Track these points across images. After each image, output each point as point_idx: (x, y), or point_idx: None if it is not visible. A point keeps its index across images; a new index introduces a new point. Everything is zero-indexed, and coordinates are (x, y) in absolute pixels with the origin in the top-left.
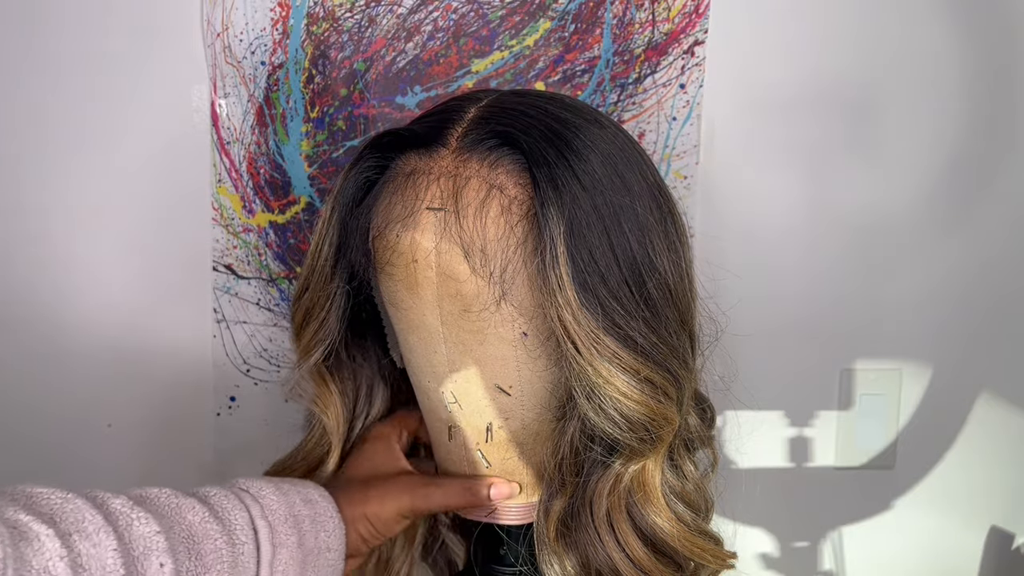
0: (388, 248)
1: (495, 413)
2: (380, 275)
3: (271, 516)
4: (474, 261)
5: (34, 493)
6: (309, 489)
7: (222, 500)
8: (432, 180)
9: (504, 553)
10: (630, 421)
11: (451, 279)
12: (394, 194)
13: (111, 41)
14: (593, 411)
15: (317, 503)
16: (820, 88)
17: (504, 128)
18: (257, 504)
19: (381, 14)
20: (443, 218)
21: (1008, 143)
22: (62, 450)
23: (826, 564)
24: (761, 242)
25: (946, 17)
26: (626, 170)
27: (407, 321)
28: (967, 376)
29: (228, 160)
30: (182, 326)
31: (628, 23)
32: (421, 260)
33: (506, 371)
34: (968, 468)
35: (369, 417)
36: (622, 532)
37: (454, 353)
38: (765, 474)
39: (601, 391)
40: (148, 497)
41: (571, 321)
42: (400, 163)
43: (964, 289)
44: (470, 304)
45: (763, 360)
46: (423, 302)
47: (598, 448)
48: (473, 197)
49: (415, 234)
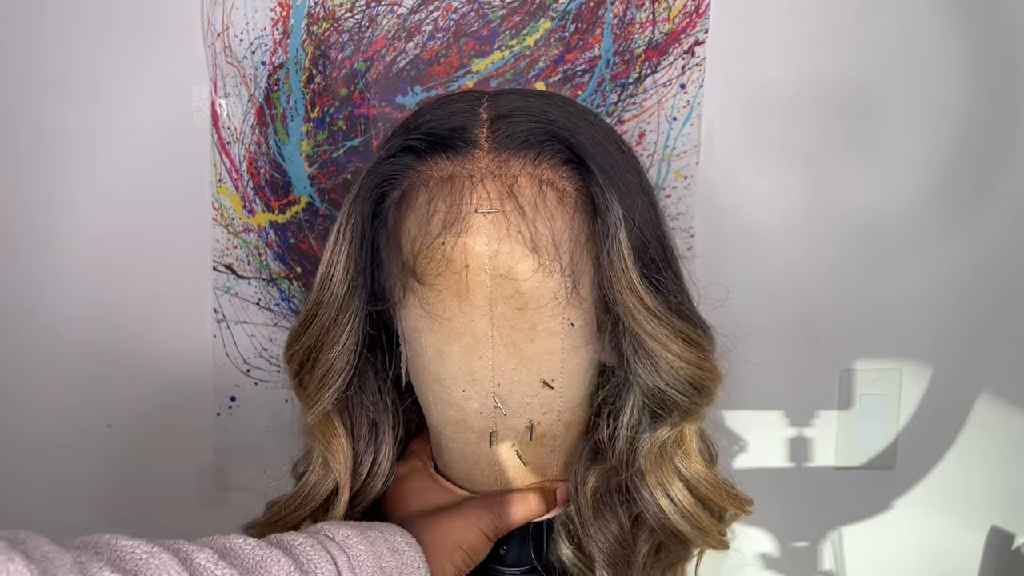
0: (434, 258)
1: (537, 409)
2: (420, 288)
3: (358, 568)
4: (543, 257)
5: (119, 546)
6: (396, 537)
7: (308, 551)
8: (476, 183)
9: (504, 553)
10: (692, 383)
11: (507, 279)
12: (431, 202)
13: (112, 41)
14: (658, 380)
15: (404, 553)
16: (820, 88)
17: (535, 123)
18: (344, 554)
19: (381, 14)
20: (497, 219)
21: (1008, 142)
22: (62, 450)
23: (826, 564)
24: (761, 242)
25: (946, 17)
26: (628, 154)
27: (448, 331)
28: (967, 376)
29: (228, 160)
30: (182, 326)
31: (628, 23)
32: (474, 265)
33: (551, 365)
34: (968, 468)
35: (379, 455)
36: (670, 483)
37: (502, 355)
38: (765, 474)
39: (665, 361)
40: (233, 549)
41: (636, 301)
42: (427, 169)
43: (964, 289)
44: (526, 302)
45: (763, 360)
46: (473, 308)
47: (649, 415)
48: (529, 194)
49: (467, 239)
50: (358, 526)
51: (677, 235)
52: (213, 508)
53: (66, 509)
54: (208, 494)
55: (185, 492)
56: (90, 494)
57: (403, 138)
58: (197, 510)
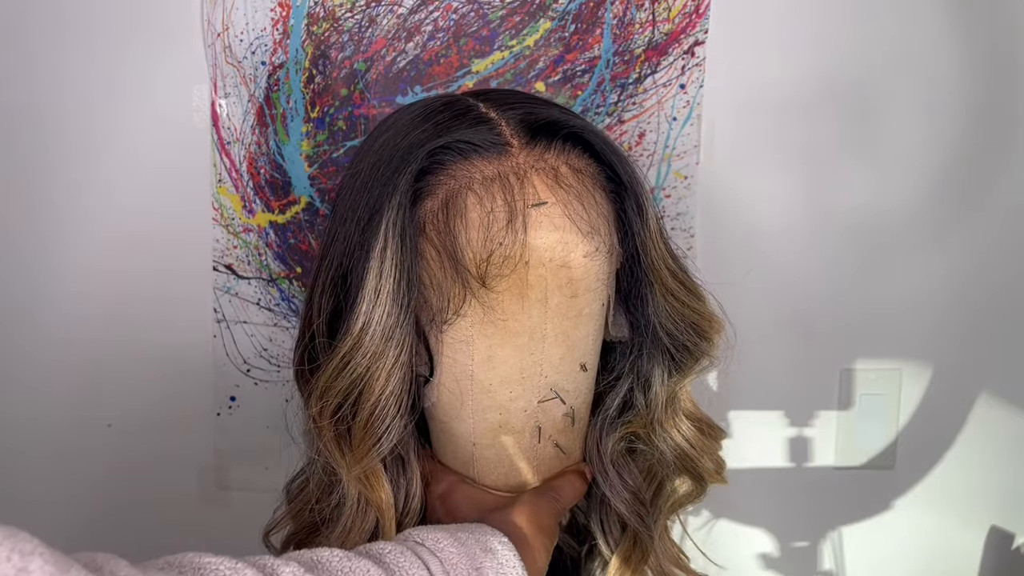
0: (496, 259)
1: (575, 394)
2: (481, 293)
3: (453, 571)
4: (595, 239)
5: (202, 564)
6: (487, 536)
7: (398, 558)
8: (522, 178)
9: None
10: (698, 332)
11: (563, 268)
12: (484, 203)
13: (112, 41)
14: (678, 331)
15: (498, 552)
16: (819, 88)
17: (546, 115)
18: (435, 558)
19: (381, 14)
20: (550, 211)
21: (1007, 142)
22: (62, 450)
23: (826, 564)
24: (761, 242)
25: (946, 17)
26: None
27: (504, 333)
28: (967, 376)
29: (228, 160)
30: (182, 326)
31: (628, 23)
32: (533, 259)
33: (587, 347)
34: (968, 468)
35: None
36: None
37: (553, 347)
38: (765, 474)
39: (679, 316)
40: (320, 561)
41: (664, 264)
42: (464, 173)
43: (964, 289)
44: (577, 288)
45: (763, 360)
46: (531, 303)
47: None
48: (572, 182)
49: (525, 235)
50: (447, 529)
51: (677, 235)
52: (213, 508)
53: (66, 509)
54: (208, 494)
55: (185, 492)
56: (90, 494)
57: (423, 150)
58: (197, 510)
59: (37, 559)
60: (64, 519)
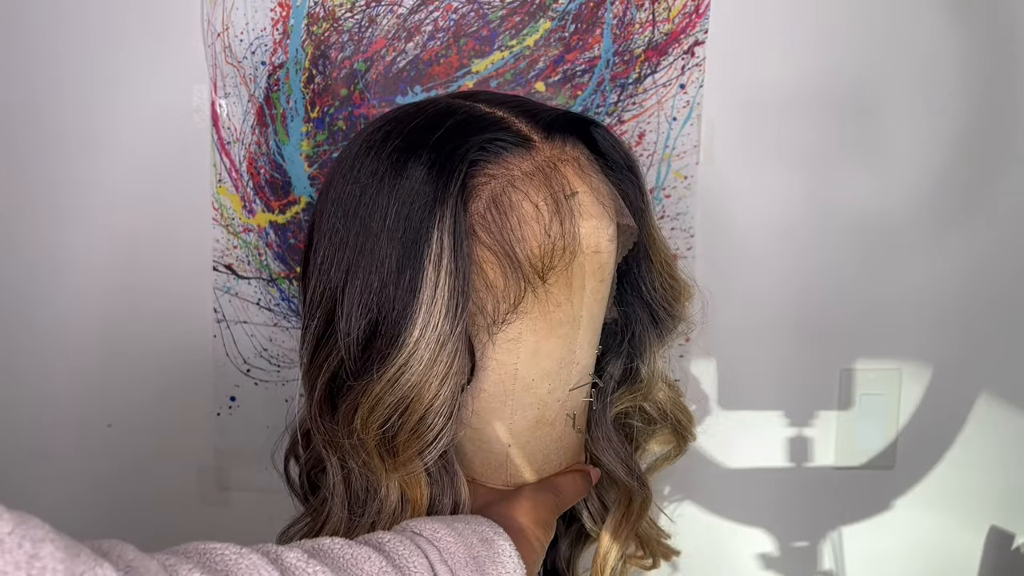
0: (548, 254)
1: (588, 376)
2: (536, 290)
3: (450, 560)
4: (614, 223)
5: (208, 549)
6: (484, 527)
7: (397, 546)
8: (554, 170)
9: None
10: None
11: (596, 253)
12: (528, 198)
13: (112, 41)
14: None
15: (493, 542)
16: (819, 88)
17: (547, 110)
18: (434, 548)
19: (381, 14)
20: (583, 199)
21: (1007, 142)
22: (62, 450)
23: (826, 564)
24: (761, 242)
25: (946, 17)
26: None
27: (551, 324)
28: (967, 376)
29: (228, 160)
30: (182, 326)
31: (628, 23)
32: (576, 249)
33: (600, 328)
34: (968, 468)
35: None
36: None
37: (585, 332)
38: (765, 474)
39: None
40: (322, 548)
41: (658, 236)
42: (502, 171)
43: (964, 289)
44: (605, 272)
45: (763, 360)
46: (574, 292)
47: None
48: (591, 170)
49: (570, 225)
50: (444, 520)
51: (677, 235)
52: (213, 508)
53: (66, 508)
54: (208, 494)
55: (185, 492)
56: (90, 494)
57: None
58: (197, 510)
59: (48, 545)
60: (64, 518)
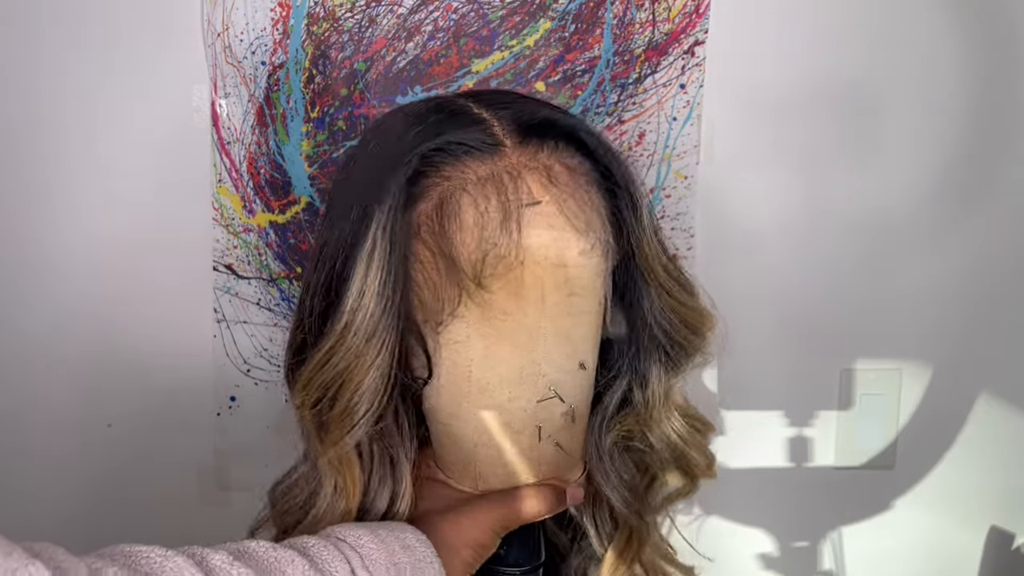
0: (490, 259)
1: (576, 392)
2: (477, 293)
3: (372, 566)
4: (589, 237)
5: (133, 552)
6: (407, 534)
7: (321, 551)
8: (516, 178)
9: (504, 553)
10: (692, 328)
11: (559, 267)
12: (476, 204)
13: (112, 41)
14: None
15: (416, 549)
16: (819, 88)
17: (537, 115)
18: (356, 554)
19: (381, 14)
20: (543, 209)
21: (1007, 142)
22: (62, 450)
23: (826, 564)
24: (761, 242)
25: (947, 17)
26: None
27: (502, 331)
28: (967, 376)
29: (228, 160)
30: (182, 326)
31: (628, 23)
32: (528, 259)
33: (587, 346)
34: (968, 468)
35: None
36: (674, 419)
37: (553, 344)
38: (765, 474)
39: (675, 311)
40: (247, 551)
41: (658, 261)
42: (458, 174)
43: (964, 289)
44: (576, 287)
45: (763, 360)
46: (527, 302)
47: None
48: (566, 181)
49: (520, 235)
50: (368, 526)
51: (677, 235)
52: (213, 508)
53: (66, 509)
54: (208, 494)
55: (185, 492)
56: (90, 494)
57: (416, 153)
58: (197, 510)
59: None
60: (64, 519)
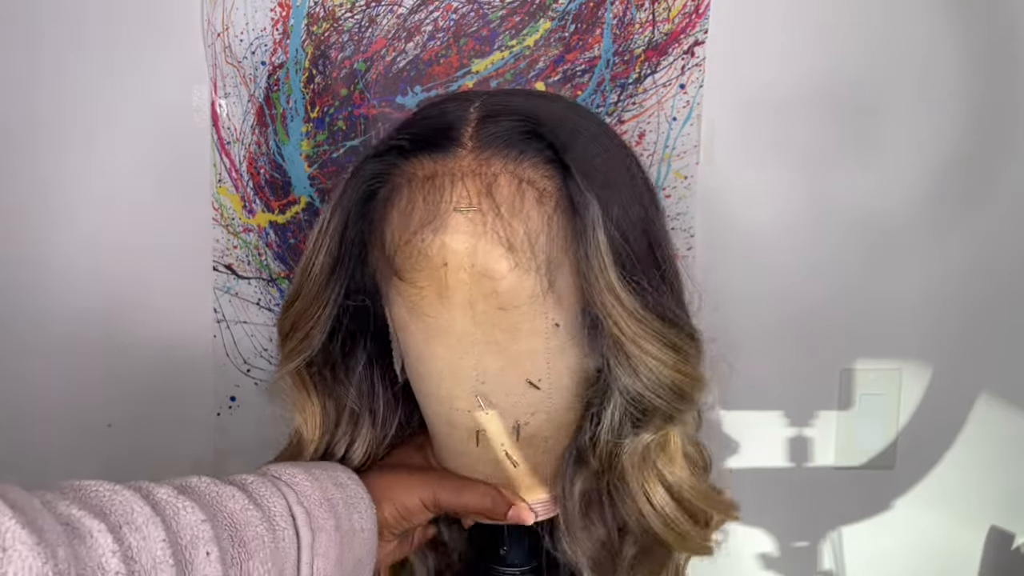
0: (413, 255)
1: (524, 409)
2: (402, 285)
3: (306, 502)
4: (519, 256)
5: (83, 486)
6: (338, 472)
7: (259, 487)
8: (456, 181)
9: (504, 553)
10: (672, 388)
11: (486, 278)
12: (413, 200)
13: (112, 41)
14: (638, 384)
15: (347, 486)
16: (819, 88)
17: (519, 123)
18: (292, 491)
19: (381, 14)
20: (475, 218)
21: (1007, 142)
22: (62, 450)
23: (826, 564)
24: (761, 242)
25: (946, 17)
26: (618, 151)
27: (432, 328)
28: (967, 376)
29: (228, 160)
30: (182, 326)
31: (628, 23)
32: (452, 263)
33: (536, 365)
34: (968, 468)
35: (351, 449)
36: (652, 491)
37: (485, 354)
38: (765, 474)
39: (645, 365)
40: (190, 486)
41: (614, 303)
42: (411, 168)
43: (964, 289)
44: (506, 301)
45: (763, 360)
46: (453, 306)
47: (632, 421)
48: (507, 193)
49: (445, 237)
50: (303, 465)
51: (677, 235)
52: None
53: None
54: None
55: None
56: None
57: (391, 138)
58: None
59: None
60: None
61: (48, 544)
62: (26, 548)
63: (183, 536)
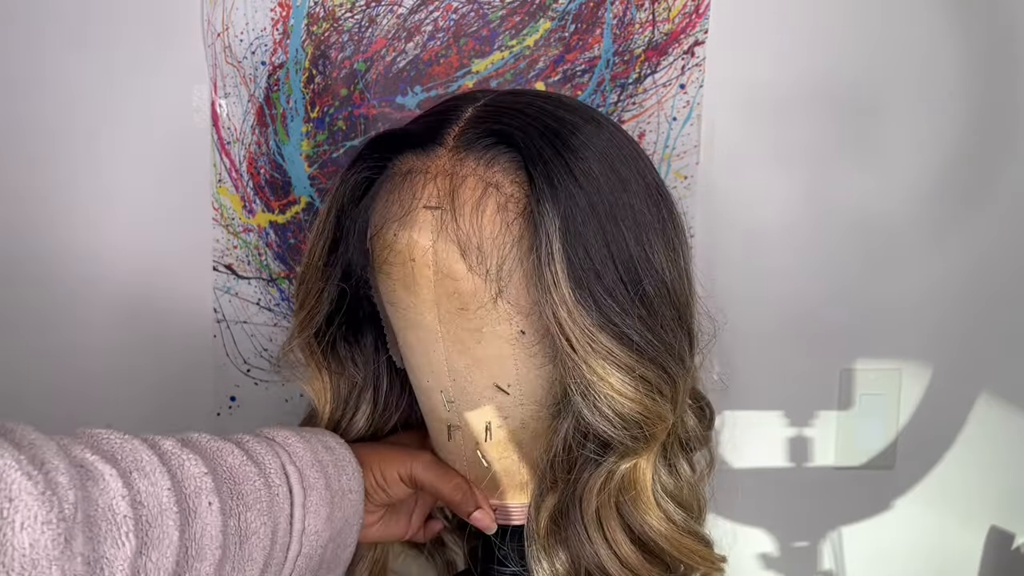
0: (385, 247)
1: (494, 412)
2: (378, 274)
3: (299, 462)
4: (471, 259)
5: (95, 433)
6: (327, 437)
7: (255, 446)
8: (429, 179)
9: (503, 554)
10: (624, 418)
11: (448, 278)
12: (391, 193)
13: (111, 41)
14: (587, 408)
15: (335, 449)
16: (819, 88)
17: (500, 126)
18: (285, 451)
19: (381, 14)
20: (440, 216)
21: (1007, 142)
22: None
23: (826, 564)
24: (761, 242)
25: (947, 17)
26: (624, 168)
27: (406, 320)
28: (967, 376)
29: (228, 160)
30: (182, 326)
31: (628, 23)
32: (419, 259)
33: (504, 369)
34: (968, 468)
35: (353, 421)
36: (611, 530)
37: (452, 352)
38: (765, 474)
39: (595, 388)
40: (191, 441)
41: (566, 318)
42: (397, 163)
43: (964, 289)
44: (467, 302)
45: (763, 360)
46: (421, 300)
47: (591, 446)
48: (469, 195)
49: (412, 233)
50: (295, 428)
51: None
52: None
53: None
54: None
55: None
56: None
57: (387, 133)
58: None
59: None
60: None
61: (54, 491)
62: (31, 498)
63: (187, 486)
